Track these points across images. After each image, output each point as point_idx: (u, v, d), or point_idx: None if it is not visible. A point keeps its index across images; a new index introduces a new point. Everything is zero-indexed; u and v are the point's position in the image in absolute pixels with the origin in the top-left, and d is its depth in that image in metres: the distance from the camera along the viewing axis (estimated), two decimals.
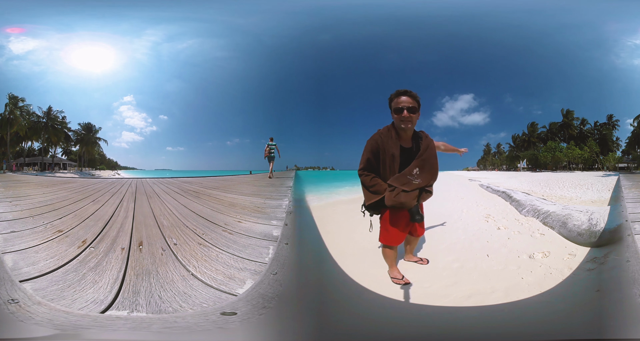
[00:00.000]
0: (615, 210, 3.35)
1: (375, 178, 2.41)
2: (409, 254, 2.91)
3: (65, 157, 13.69)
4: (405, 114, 2.19)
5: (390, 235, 2.52)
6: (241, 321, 1.54)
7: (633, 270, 2.11)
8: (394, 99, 2.25)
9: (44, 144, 12.80)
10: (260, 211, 3.81)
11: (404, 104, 2.19)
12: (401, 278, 2.52)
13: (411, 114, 2.21)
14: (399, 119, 2.24)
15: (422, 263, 2.85)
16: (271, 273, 2.06)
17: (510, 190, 6.50)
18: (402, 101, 2.20)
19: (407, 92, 2.21)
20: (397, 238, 2.54)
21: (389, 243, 2.56)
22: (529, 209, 4.55)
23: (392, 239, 2.54)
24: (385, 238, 2.56)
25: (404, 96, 2.20)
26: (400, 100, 2.21)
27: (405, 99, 2.20)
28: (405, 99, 2.20)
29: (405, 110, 2.18)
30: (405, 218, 2.48)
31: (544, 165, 13.75)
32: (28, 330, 1.37)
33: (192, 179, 8.46)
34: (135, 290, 1.79)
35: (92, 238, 2.59)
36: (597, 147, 13.11)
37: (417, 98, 2.24)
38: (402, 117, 2.21)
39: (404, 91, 2.22)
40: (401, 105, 2.20)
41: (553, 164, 13.64)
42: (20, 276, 1.83)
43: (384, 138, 2.31)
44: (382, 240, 2.59)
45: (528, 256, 2.87)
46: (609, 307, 1.88)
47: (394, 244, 2.57)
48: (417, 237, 2.78)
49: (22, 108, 11.17)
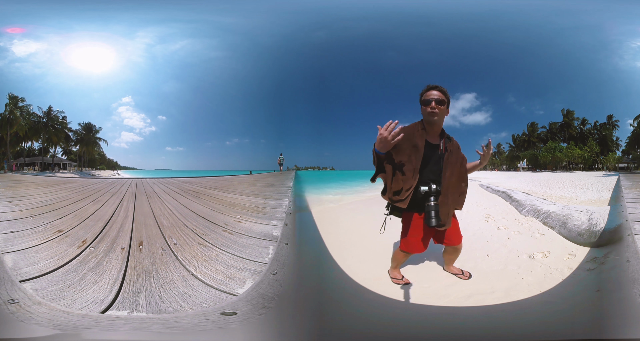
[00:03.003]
0: (615, 210, 3.35)
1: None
2: (448, 265, 2.66)
3: (65, 157, 13.69)
4: (433, 105, 2.26)
5: (408, 240, 2.35)
6: (241, 321, 1.54)
7: (633, 270, 2.11)
8: (424, 93, 2.32)
9: (44, 144, 12.79)
10: (260, 211, 3.81)
11: (433, 96, 2.27)
12: (401, 279, 2.51)
13: (439, 106, 2.27)
14: (427, 110, 2.29)
15: (463, 277, 2.56)
16: (271, 273, 2.06)
17: (510, 190, 6.50)
18: (431, 94, 2.28)
19: (437, 87, 2.30)
20: (415, 246, 2.33)
21: (407, 250, 2.37)
22: (529, 209, 4.55)
23: (410, 245, 2.35)
24: (403, 244, 2.39)
25: (433, 90, 2.30)
26: (430, 93, 2.29)
27: (434, 92, 2.28)
28: (434, 92, 2.28)
29: (433, 101, 2.26)
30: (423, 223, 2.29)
31: (544, 165, 13.75)
32: (28, 330, 1.37)
33: (192, 179, 8.45)
34: (135, 290, 1.79)
35: (92, 238, 2.59)
36: (597, 147, 13.11)
37: (446, 93, 2.31)
38: (430, 107, 2.27)
39: (434, 86, 2.30)
40: (430, 97, 2.27)
41: (553, 164, 13.63)
42: (20, 276, 1.83)
43: (412, 128, 2.34)
44: (401, 245, 2.41)
45: (528, 257, 2.86)
46: (609, 307, 1.88)
47: (410, 251, 2.38)
48: (448, 245, 2.47)
49: (22, 109, 11.17)
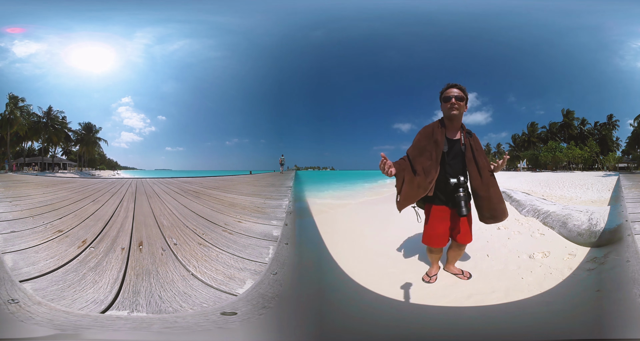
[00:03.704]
0: (615, 210, 3.35)
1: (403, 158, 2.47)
2: (449, 264, 2.67)
3: (65, 157, 13.69)
4: (453, 101, 2.36)
5: (427, 233, 2.48)
6: (241, 321, 1.54)
7: (633, 270, 2.11)
8: (444, 91, 2.42)
9: (44, 144, 12.79)
10: (260, 211, 3.81)
11: (453, 93, 2.37)
12: (429, 279, 2.54)
13: (458, 102, 2.37)
14: (447, 106, 2.39)
15: (462, 278, 2.58)
16: (271, 273, 2.06)
17: (510, 190, 6.50)
18: (451, 91, 2.39)
19: (456, 85, 2.41)
20: (436, 239, 2.45)
21: (426, 243, 2.50)
22: (529, 209, 4.55)
23: (429, 238, 2.47)
24: (424, 236, 2.51)
25: (453, 88, 2.40)
26: (450, 91, 2.39)
27: (454, 90, 2.39)
28: (454, 90, 2.39)
29: (453, 98, 2.36)
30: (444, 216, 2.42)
31: (544, 165, 13.75)
32: (28, 330, 1.37)
33: (192, 179, 8.46)
34: (135, 290, 1.79)
35: (92, 238, 2.59)
36: (597, 147, 13.11)
37: (464, 91, 2.41)
38: (449, 103, 2.37)
39: (453, 84, 2.41)
40: (450, 94, 2.38)
41: (553, 164, 13.63)
42: (20, 276, 1.83)
43: (431, 126, 2.47)
44: (423, 239, 2.52)
45: (528, 257, 2.86)
46: (609, 307, 1.88)
47: (431, 245, 2.49)
48: (459, 243, 2.53)
49: (22, 109, 11.17)
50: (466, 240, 2.51)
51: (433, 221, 2.45)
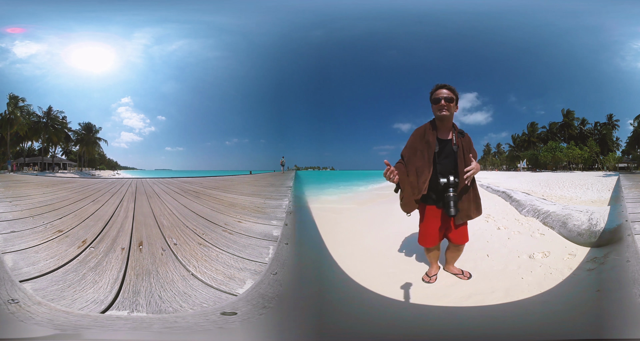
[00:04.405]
0: (615, 210, 3.35)
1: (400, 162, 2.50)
2: (448, 264, 2.67)
3: (65, 157, 13.69)
4: (443, 103, 2.36)
5: (420, 232, 2.52)
6: (241, 321, 1.54)
7: (633, 270, 2.11)
8: (434, 92, 2.42)
9: (44, 144, 12.80)
10: (260, 211, 3.81)
11: (442, 95, 2.37)
12: (428, 279, 2.54)
13: (448, 103, 2.37)
14: (437, 108, 2.40)
15: (462, 278, 2.57)
16: (271, 273, 2.06)
17: (510, 190, 6.50)
18: (440, 92, 2.39)
19: (445, 85, 2.41)
20: (427, 238, 2.48)
21: (420, 242, 2.53)
22: (529, 209, 4.55)
23: (421, 237, 2.51)
24: (418, 236, 2.54)
25: (442, 88, 2.40)
26: (439, 92, 2.39)
27: (444, 91, 2.39)
28: (444, 91, 2.39)
29: (443, 99, 2.36)
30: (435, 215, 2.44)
31: (544, 165, 13.74)
32: (28, 330, 1.37)
33: (192, 179, 8.46)
34: (135, 290, 1.79)
35: (92, 238, 2.59)
36: (597, 147, 13.10)
37: (454, 91, 2.41)
38: (439, 105, 2.37)
39: (442, 85, 2.41)
40: (439, 95, 2.38)
41: (553, 164, 13.63)
42: (20, 276, 1.83)
43: (423, 128, 2.48)
44: (418, 239, 2.56)
45: (528, 257, 2.86)
46: (609, 307, 1.88)
47: (423, 244, 2.52)
48: (454, 243, 2.54)
49: (23, 109, 11.17)
50: (460, 240, 2.52)
51: (425, 220, 2.49)
